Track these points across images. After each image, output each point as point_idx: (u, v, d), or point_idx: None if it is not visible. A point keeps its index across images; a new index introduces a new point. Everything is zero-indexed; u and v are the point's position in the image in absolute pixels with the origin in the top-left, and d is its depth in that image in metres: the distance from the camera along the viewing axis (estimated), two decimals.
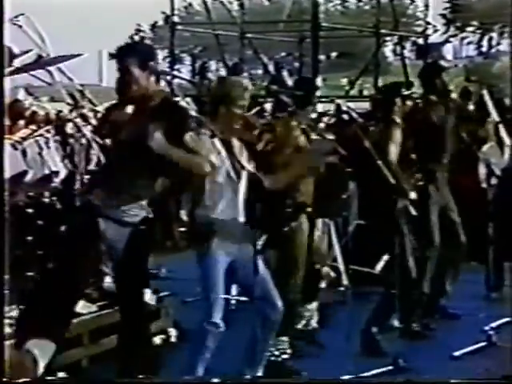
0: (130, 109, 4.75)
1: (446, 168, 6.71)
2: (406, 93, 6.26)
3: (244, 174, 5.05)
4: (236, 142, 5.11)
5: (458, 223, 6.80)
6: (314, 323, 6.15)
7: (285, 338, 5.58)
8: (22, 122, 7.35)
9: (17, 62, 6.71)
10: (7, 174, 6.30)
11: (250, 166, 5.07)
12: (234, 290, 6.51)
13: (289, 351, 5.61)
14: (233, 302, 6.50)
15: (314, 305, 6.09)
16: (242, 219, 5.03)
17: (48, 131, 6.89)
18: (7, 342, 5.01)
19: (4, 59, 4.34)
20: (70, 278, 4.70)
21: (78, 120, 6.74)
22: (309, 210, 5.67)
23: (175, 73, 8.11)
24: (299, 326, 5.92)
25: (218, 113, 5.05)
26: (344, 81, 38.44)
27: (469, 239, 7.08)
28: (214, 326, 4.92)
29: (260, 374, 5.16)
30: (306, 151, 5.58)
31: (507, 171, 7.65)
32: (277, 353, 5.54)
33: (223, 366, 5.08)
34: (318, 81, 6.14)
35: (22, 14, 6.75)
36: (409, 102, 6.29)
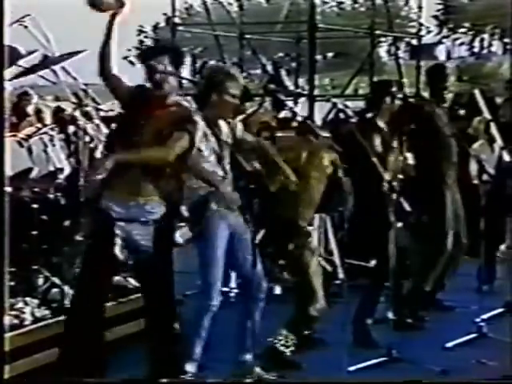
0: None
1: (455, 167, 6.77)
2: (394, 90, 6.24)
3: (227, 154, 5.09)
4: (225, 128, 5.13)
5: (463, 221, 6.84)
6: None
7: (292, 336, 5.58)
8: (27, 120, 7.35)
9: (23, 62, 6.69)
10: (13, 171, 6.32)
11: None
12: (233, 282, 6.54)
13: (292, 348, 5.61)
14: (231, 294, 6.50)
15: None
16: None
17: (53, 129, 6.90)
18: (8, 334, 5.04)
19: (4, 59, 4.28)
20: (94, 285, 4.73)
21: (82, 118, 6.74)
22: None
23: (177, 72, 8.09)
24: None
25: (209, 100, 5.07)
26: (326, 80, 38.44)
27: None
28: (212, 306, 4.95)
29: (251, 357, 5.17)
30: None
31: (499, 168, 7.64)
32: (281, 343, 5.54)
33: (223, 354, 5.10)
34: None
35: (29, 15, 6.74)
36: (397, 102, 6.27)
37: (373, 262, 6.33)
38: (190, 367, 5.00)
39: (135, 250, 4.74)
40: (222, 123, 5.13)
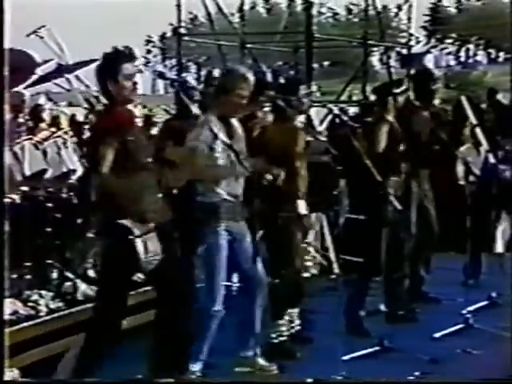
0: None
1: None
2: (398, 91, 6.23)
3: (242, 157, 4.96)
4: (236, 128, 5.04)
5: (433, 215, 6.81)
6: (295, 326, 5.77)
7: (281, 321, 5.56)
8: (42, 125, 7.35)
9: (39, 71, 6.69)
10: (29, 171, 6.33)
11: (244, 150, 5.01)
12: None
13: (286, 333, 5.58)
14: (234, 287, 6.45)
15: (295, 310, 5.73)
16: (240, 197, 4.96)
17: (66, 133, 6.91)
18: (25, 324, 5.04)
19: (4, 59, 4.15)
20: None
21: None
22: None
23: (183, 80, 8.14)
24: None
25: (218, 100, 4.99)
26: (314, 87, 38.40)
27: (448, 231, 7.09)
28: (217, 312, 4.93)
29: (253, 353, 5.11)
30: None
31: (484, 169, 7.66)
32: (274, 335, 5.52)
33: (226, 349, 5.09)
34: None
35: (44, 26, 6.74)
36: (400, 99, 6.26)
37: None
38: (196, 366, 4.93)
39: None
40: (234, 121, 5.03)
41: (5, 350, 4.07)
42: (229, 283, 5.38)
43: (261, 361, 5.16)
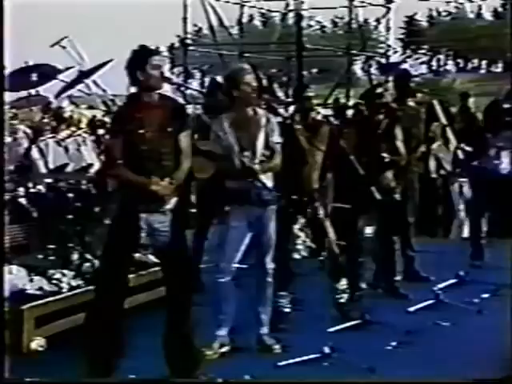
0: None
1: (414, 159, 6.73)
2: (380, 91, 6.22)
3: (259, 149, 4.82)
4: (252, 120, 4.87)
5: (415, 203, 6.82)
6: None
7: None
8: (64, 125, 7.33)
9: (62, 77, 6.65)
10: (53, 165, 6.32)
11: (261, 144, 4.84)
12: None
13: (289, 305, 5.53)
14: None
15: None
16: (259, 184, 4.76)
17: (85, 132, 6.89)
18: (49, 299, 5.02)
19: (4, 60, 3.96)
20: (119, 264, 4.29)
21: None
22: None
23: (188, 85, 8.16)
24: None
25: (231, 96, 4.83)
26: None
27: (421, 217, 7.10)
28: (223, 280, 4.83)
29: (266, 331, 5.04)
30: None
31: (454, 163, 7.67)
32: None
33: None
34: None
35: (66, 37, 6.70)
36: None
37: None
38: (220, 332, 4.87)
39: (156, 236, 4.25)
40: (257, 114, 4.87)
41: (5, 349, 3.96)
42: (243, 265, 5.34)
43: (267, 340, 5.01)
